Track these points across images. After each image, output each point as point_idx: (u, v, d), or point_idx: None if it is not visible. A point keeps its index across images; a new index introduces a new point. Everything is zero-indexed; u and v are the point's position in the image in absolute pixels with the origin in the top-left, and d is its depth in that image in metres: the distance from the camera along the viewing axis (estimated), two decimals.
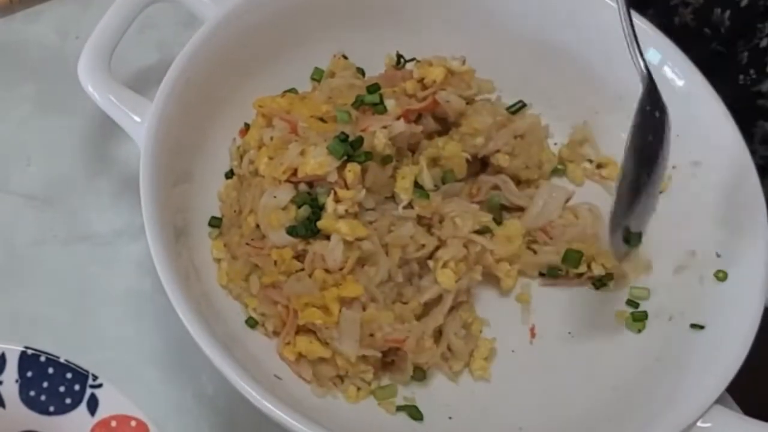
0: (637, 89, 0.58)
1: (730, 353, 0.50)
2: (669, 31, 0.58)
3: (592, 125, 0.61)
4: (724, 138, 0.55)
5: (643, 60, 0.50)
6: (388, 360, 0.53)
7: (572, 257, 0.56)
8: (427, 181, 0.55)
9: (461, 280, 0.53)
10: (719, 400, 0.48)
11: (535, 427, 0.52)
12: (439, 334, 0.54)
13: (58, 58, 0.65)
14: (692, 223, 0.56)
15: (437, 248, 0.54)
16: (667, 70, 0.57)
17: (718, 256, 0.54)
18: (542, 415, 0.52)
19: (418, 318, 0.53)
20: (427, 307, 0.53)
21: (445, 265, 0.53)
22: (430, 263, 0.54)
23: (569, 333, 0.56)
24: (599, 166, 0.61)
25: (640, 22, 0.58)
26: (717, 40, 0.58)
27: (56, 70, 0.64)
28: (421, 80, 0.58)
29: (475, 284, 0.55)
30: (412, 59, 0.60)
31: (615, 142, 0.60)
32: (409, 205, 0.54)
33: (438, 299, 0.53)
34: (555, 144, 0.62)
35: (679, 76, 0.57)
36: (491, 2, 0.60)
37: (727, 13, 0.66)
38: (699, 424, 0.48)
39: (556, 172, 0.62)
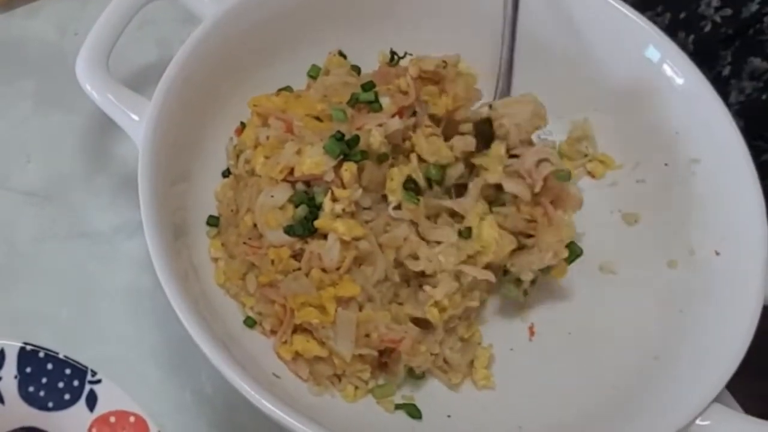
0: (637, 86, 0.58)
1: (729, 351, 0.49)
2: None
3: (591, 122, 0.61)
4: (723, 136, 0.55)
5: None
6: (383, 360, 0.52)
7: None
8: (422, 179, 0.55)
9: (454, 312, 0.52)
10: (719, 399, 0.48)
11: (534, 425, 0.52)
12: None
13: (58, 54, 0.65)
14: (691, 221, 0.56)
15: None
16: (667, 69, 0.57)
17: (717, 254, 0.54)
18: (541, 414, 0.52)
19: (415, 320, 0.53)
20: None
21: (436, 305, 0.52)
22: (427, 288, 0.52)
23: (568, 332, 0.56)
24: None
25: (639, 20, 0.58)
26: None
27: (55, 67, 0.64)
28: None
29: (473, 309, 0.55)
30: (404, 55, 0.60)
31: (614, 140, 0.60)
32: (399, 206, 0.54)
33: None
34: (554, 141, 0.62)
35: (678, 75, 0.57)
36: (490, 1, 0.60)
37: (691, 37, 0.66)
38: (698, 422, 0.48)
39: None
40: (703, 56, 0.56)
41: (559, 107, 0.62)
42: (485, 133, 0.56)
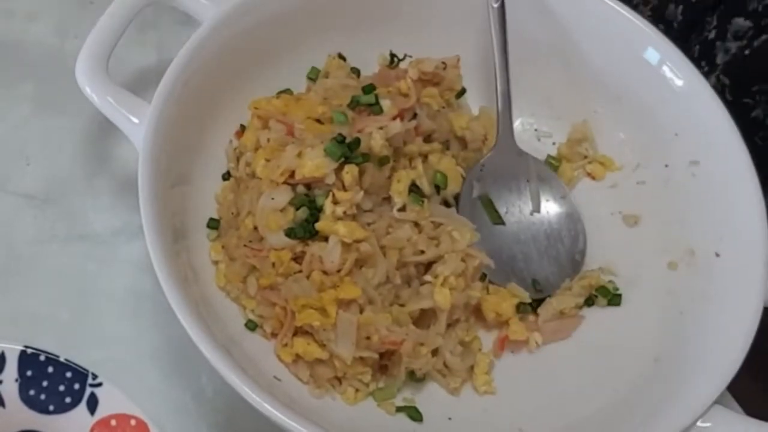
0: (637, 88, 0.59)
1: (730, 353, 0.49)
2: None
3: (591, 124, 0.61)
4: (723, 137, 0.55)
5: None
6: (383, 363, 0.52)
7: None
8: (426, 186, 0.55)
9: (458, 296, 0.53)
10: (720, 400, 0.48)
11: (535, 427, 0.52)
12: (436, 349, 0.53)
13: (57, 57, 0.65)
14: (691, 222, 0.56)
15: (436, 260, 0.54)
16: (666, 70, 0.57)
17: (717, 255, 0.54)
18: (542, 416, 0.52)
19: (415, 322, 0.53)
20: (424, 313, 0.53)
21: (444, 282, 0.52)
22: (428, 277, 0.53)
23: (570, 334, 0.56)
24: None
25: (638, 21, 0.58)
26: (671, 35, 0.58)
27: (55, 70, 0.64)
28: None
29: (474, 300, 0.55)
30: (404, 57, 0.60)
31: (613, 141, 0.60)
32: (404, 209, 0.54)
33: (434, 313, 0.53)
34: (554, 143, 0.63)
35: (678, 76, 0.57)
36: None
37: (680, 8, 0.66)
38: (699, 423, 0.48)
39: (549, 166, 0.62)
40: (692, 24, 0.57)
41: (559, 109, 0.62)
42: None
